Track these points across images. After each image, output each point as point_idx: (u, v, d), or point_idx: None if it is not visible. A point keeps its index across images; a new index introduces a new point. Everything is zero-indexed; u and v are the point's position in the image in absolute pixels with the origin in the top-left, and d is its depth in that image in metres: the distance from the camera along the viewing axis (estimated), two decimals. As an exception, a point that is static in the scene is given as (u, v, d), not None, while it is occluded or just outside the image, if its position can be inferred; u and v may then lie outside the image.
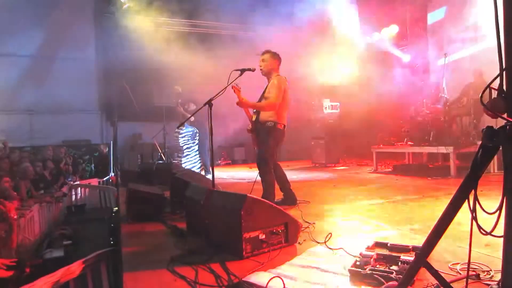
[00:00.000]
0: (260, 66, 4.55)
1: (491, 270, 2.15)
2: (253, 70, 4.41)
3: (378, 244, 2.58)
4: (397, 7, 11.04)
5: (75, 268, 2.13)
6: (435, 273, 1.61)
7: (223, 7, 9.92)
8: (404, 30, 11.22)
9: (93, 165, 9.18)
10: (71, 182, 6.92)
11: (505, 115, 1.47)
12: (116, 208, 4.35)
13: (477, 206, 1.52)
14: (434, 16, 10.25)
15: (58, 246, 3.52)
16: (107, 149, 9.39)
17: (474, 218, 1.52)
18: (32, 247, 3.94)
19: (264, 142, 4.44)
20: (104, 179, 7.87)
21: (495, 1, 1.51)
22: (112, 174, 8.36)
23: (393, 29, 11.33)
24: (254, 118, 4.59)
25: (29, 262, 2.84)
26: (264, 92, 4.56)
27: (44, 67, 10.20)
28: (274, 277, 2.18)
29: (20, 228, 3.77)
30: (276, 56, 4.60)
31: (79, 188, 6.29)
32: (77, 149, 9.30)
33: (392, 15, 11.08)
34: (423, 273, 2.04)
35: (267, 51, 4.61)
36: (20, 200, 5.28)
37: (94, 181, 7.33)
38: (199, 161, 8.75)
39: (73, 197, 6.07)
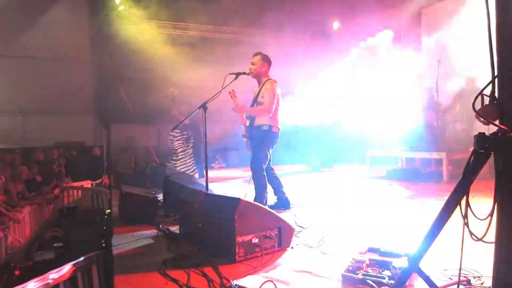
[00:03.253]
0: (250, 69, 4.47)
1: (482, 276, 2.16)
2: (248, 73, 4.41)
3: (371, 249, 2.59)
4: (391, 12, 11.12)
5: (66, 270, 2.11)
6: (427, 279, 1.62)
7: (219, 10, 9.95)
8: (399, 36, 11.29)
9: (86, 167, 9.11)
10: (64, 184, 6.87)
11: (496, 122, 1.48)
12: (109, 211, 4.32)
13: (469, 212, 1.53)
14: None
15: (49, 248, 3.48)
16: (100, 151, 9.33)
17: (466, 224, 1.53)
18: (23, 249, 3.90)
19: (259, 145, 4.43)
20: (97, 181, 7.82)
21: (488, 9, 1.53)
22: (105, 176, 8.31)
23: (388, 34, 11.41)
24: (247, 123, 4.58)
25: (19, 264, 2.80)
26: (257, 96, 4.54)
27: (37, 69, 10.13)
28: (266, 281, 2.18)
29: (11, 229, 3.73)
30: (266, 58, 4.55)
31: (72, 190, 6.25)
32: (70, 151, 9.23)
33: (386, 20, 11.15)
34: (415, 278, 2.05)
35: (258, 53, 4.56)
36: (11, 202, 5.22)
37: (87, 183, 7.28)
38: (194, 164, 8.72)
39: (65, 199, 6.02)
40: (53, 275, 2.04)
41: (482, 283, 2.10)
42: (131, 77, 10.05)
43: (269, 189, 4.55)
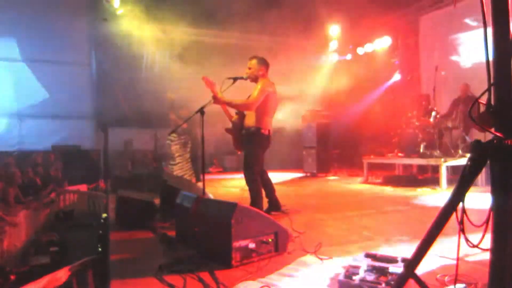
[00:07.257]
0: (247, 73, 4.43)
1: (478, 283, 2.17)
2: (246, 78, 4.41)
3: (367, 255, 2.59)
4: (390, 19, 11.21)
5: (61, 275, 2.09)
6: (423, 285, 1.62)
7: (217, 14, 9.99)
8: (396, 42, 11.37)
9: (83, 171, 9.07)
10: (61, 188, 6.83)
11: (492, 129, 1.49)
12: (105, 215, 4.30)
13: (465, 218, 1.53)
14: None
15: (44, 252, 3.46)
16: (97, 155, 9.30)
17: (462, 230, 1.53)
18: (18, 253, 3.87)
19: (248, 148, 4.38)
20: (94, 185, 7.77)
21: (484, 17, 1.54)
22: (102, 180, 8.27)
23: (386, 40, 11.49)
24: (234, 119, 4.54)
25: (14, 269, 2.78)
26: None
27: (35, 72, 10.11)
28: (263, 286, 2.18)
29: (6, 234, 3.71)
30: (262, 62, 4.47)
31: (68, 194, 6.21)
32: (67, 155, 9.18)
33: (385, 26, 11.24)
34: (411, 284, 2.05)
35: (254, 57, 4.51)
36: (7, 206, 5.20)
37: (83, 187, 7.24)
38: (191, 168, 8.70)
39: (61, 203, 5.99)
40: (48, 280, 2.02)
41: (478, 290, 2.11)
42: (128, 81, 10.06)
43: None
